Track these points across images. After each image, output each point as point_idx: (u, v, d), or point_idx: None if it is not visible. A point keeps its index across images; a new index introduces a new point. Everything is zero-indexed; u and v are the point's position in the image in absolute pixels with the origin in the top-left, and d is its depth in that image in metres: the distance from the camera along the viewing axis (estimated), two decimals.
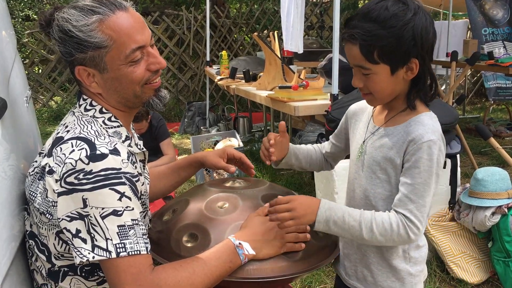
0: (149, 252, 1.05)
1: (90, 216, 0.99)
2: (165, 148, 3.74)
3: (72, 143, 1.03)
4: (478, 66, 4.49)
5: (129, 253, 0.99)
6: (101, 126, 1.12)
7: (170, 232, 1.22)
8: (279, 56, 3.69)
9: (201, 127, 5.86)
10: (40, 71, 7.14)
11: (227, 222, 1.20)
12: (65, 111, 6.29)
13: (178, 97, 7.40)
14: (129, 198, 1.02)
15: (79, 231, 1.00)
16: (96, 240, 0.99)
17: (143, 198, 1.17)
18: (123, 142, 1.15)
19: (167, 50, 7.31)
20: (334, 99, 2.84)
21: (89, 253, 0.99)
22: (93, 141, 1.04)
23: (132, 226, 1.02)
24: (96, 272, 1.11)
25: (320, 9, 8.27)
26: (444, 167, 2.46)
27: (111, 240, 0.99)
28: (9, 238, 1.04)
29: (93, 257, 0.98)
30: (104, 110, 1.15)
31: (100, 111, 1.14)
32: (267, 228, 1.16)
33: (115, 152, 1.04)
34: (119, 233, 1.00)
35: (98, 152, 1.01)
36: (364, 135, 1.23)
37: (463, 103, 6.75)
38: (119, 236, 0.99)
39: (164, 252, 1.18)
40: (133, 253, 1.00)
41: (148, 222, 1.30)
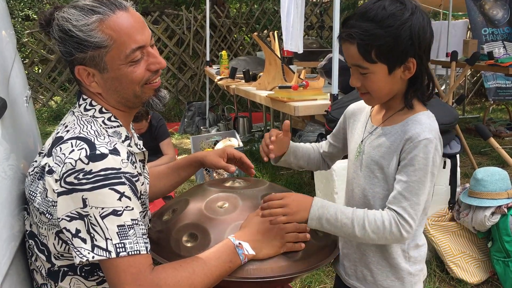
0: (149, 252, 1.04)
1: (90, 216, 0.99)
2: (165, 148, 3.74)
3: (72, 143, 1.03)
4: (478, 66, 4.49)
5: (129, 253, 0.99)
6: (101, 126, 1.12)
7: (170, 232, 1.22)
8: (279, 56, 3.69)
9: (201, 127, 5.86)
10: (40, 71, 7.14)
11: (227, 222, 1.20)
12: (65, 111, 6.29)
13: (178, 97, 7.40)
14: (129, 198, 1.02)
15: (79, 231, 1.00)
16: (96, 240, 0.99)
17: (143, 198, 1.17)
18: (123, 142, 1.15)
19: (167, 50, 7.31)
20: (334, 99, 2.84)
21: (89, 253, 0.99)
22: (93, 141, 1.04)
23: (132, 226, 1.02)
24: (96, 272, 1.11)
25: (320, 9, 8.27)
26: (444, 167, 2.46)
27: (111, 240, 0.99)
28: (9, 238, 1.04)
29: (93, 257, 0.98)
30: (104, 110, 1.15)
31: (100, 111, 1.14)
32: (267, 228, 1.16)
33: (115, 152, 1.04)
34: (119, 233, 0.99)
35: (98, 152, 1.01)
36: (362, 135, 1.23)
37: (463, 103, 6.75)
38: (119, 236, 0.99)
39: (164, 252, 1.18)
40: (133, 253, 1.00)
41: (148, 222, 1.30)
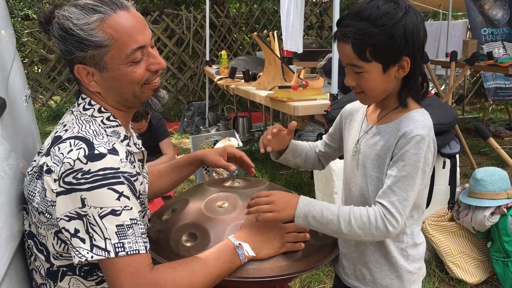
0: (148, 252, 1.04)
1: (89, 216, 0.99)
2: (165, 148, 3.75)
3: (70, 143, 1.03)
4: (478, 66, 4.50)
5: (128, 253, 0.99)
6: (100, 126, 1.12)
7: (170, 232, 1.22)
8: (279, 56, 3.68)
9: (201, 127, 5.86)
10: (40, 71, 7.14)
11: (227, 222, 1.20)
12: (65, 111, 6.26)
13: (178, 97, 7.40)
14: (128, 198, 1.02)
15: (78, 231, 0.99)
16: (95, 240, 0.99)
17: (142, 198, 1.17)
18: (122, 142, 1.14)
19: (167, 50, 7.30)
20: (334, 99, 2.84)
21: (88, 253, 0.98)
22: (92, 141, 1.03)
23: (131, 226, 1.01)
24: (95, 272, 1.11)
25: (320, 9, 8.27)
26: (444, 167, 2.46)
27: (110, 240, 0.99)
28: (8, 238, 1.04)
29: (92, 257, 0.98)
30: (103, 110, 1.14)
31: (99, 111, 1.14)
32: (267, 228, 1.16)
33: (114, 152, 1.04)
34: (118, 233, 0.99)
35: (97, 152, 1.01)
36: (359, 134, 1.23)
37: (463, 103, 6.75)
38: (118, 236, 0.99)
39: (164, 252, 1.18)
40: (132, 253, 1.00)
41: (147, 222, 1.30)
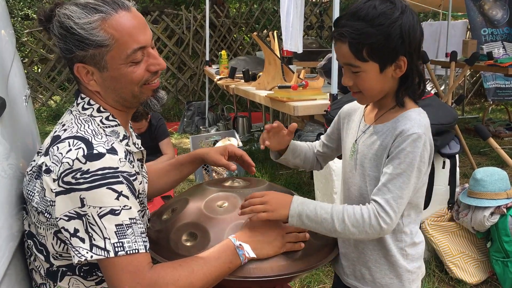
0: (148, 251, 1.04)
1: (88, 216, 0.99)
2: (164, 148, 3.75)
3: (69, 142, 1.03)
4: (477, 67, 4.50)
5: (127, 252, 0.99)
6: (99, 125, 1.12)
7: (169, 231, 1.22)
8: (279, 56, 3.68)
9: (201, 127, 5.87)
10: (39, 70, 7.13)
11: (227, 222, 1.20)
12: (64, 111, 6.24)
13: (178, 97, 7.40)
14: (127, 197, 1.02)
15: (77, 231, 0.99)
16: (94, 240, 0.99)
17: (141, 197, 1.17)
18: (121, 141, 1.14)
19: (167, 50, 7.30)
20: (334, 99, 2.84)
21: (87, 253, 0.98)
22: (90, 140, 1.03)
23: (130, 225, 1.01)
24: (95, 272, 1.11)
25: (320, 9, 8.27)
26: (443, 167, 2.46)
27: (109, 239, 0.99)
28: (8, 238, 1.04)
29: (91, 257, 0.98)
30: (102, 109, 1.14)
31: (98, 110, 1.14)
32: (268, 228, 1.16)
33: (112, 151, 1.04)
34: (117, 232, 0.99)
35: (95, 152, 1.01)
36: (356, 134, 1.24)
37: (462, 104, 6.75)
38: (117, 235, 0.99)
39: (163, 251, 1.18)
40: (132, 252, 1.00)
41: (147, 221, 1.30)
